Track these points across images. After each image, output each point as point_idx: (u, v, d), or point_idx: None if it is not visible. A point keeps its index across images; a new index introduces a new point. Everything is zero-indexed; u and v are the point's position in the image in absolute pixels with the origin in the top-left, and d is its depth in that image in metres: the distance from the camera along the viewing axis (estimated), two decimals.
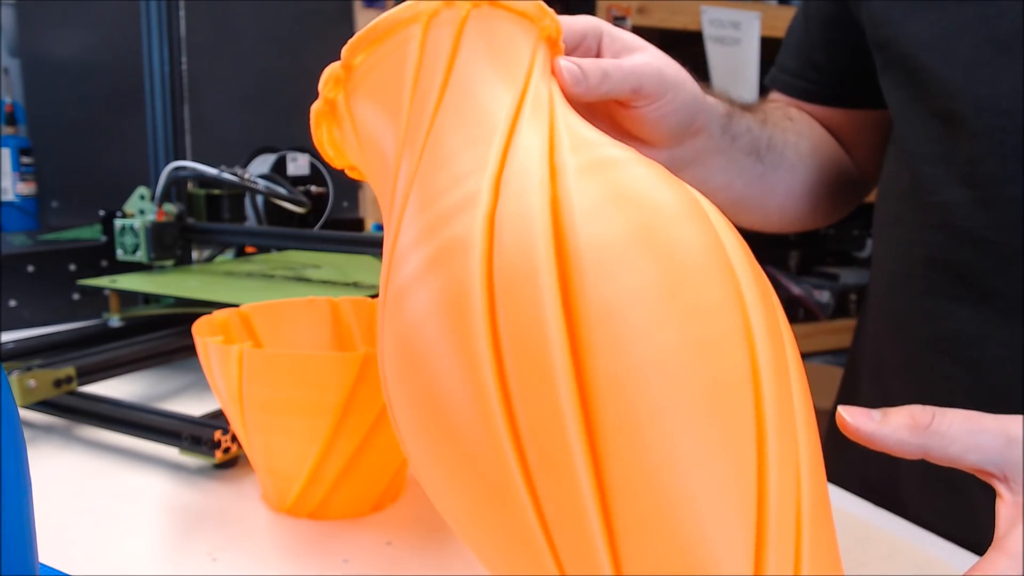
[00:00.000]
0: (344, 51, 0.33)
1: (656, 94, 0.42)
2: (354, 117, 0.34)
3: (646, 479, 0.23)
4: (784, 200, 0.60)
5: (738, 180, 0.54)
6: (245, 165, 1.04)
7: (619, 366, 0.24)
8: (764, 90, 0.72)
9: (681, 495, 0.23)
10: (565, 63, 0.37)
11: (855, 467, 0.62)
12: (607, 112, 0.44)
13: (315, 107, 0.35)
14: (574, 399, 0.24)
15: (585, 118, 0.32)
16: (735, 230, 0.29)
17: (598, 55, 0.43)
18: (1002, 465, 0.30)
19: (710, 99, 0.49)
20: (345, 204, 1.39)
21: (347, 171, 0.38)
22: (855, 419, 0.31)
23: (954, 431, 0.30)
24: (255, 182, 0.85)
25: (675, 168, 0.42)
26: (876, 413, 0.31)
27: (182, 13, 0.92)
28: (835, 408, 0.68)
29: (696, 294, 0.25)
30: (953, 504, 0.54)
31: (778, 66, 0.69)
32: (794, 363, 0.27)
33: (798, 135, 0.62)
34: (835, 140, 0.66)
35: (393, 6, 0.33)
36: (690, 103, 0.44)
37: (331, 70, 0.34)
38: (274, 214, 0.98)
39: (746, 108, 0.56)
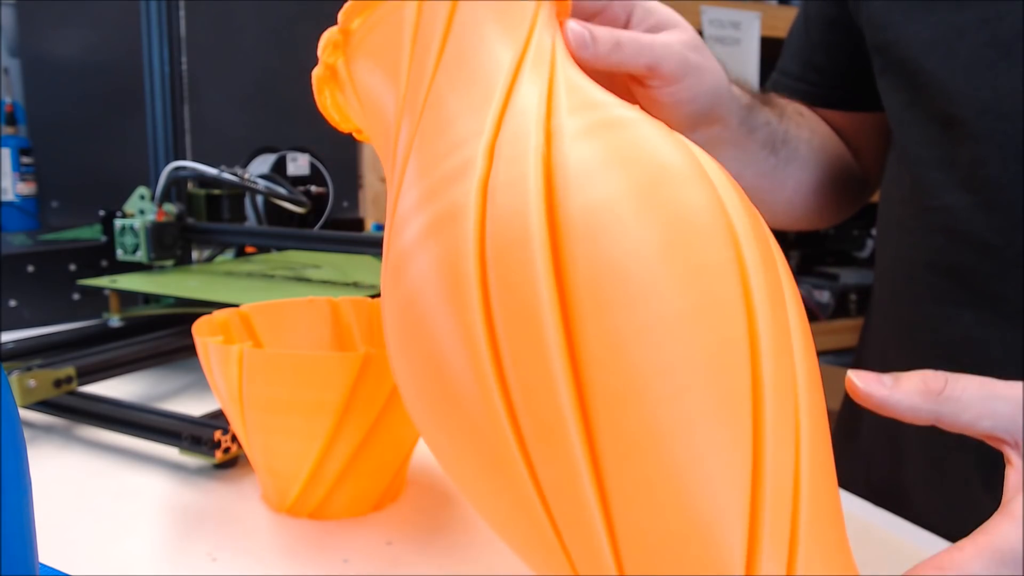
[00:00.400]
0: (341, 15, 0.32)
1: (674, 77, 0.40)
2: (355, 81, 0.34)
3: (637, 444, 0.23)
4: (792, 195, 0.60)
5: (749, 172, 0.53)
6: (245, 165, 1.04)
7: (610, 330, 0.24)
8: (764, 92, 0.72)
9: (673, 458, 0.23)
10: (572, 25, 0.34)
11: (859, 468, 0.62)
12: (626, 88, 0.42)
13: (316, 72, 0.35)
14: (565, 365, 0.24)
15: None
16: (740, 190, 0.28)
17: (626, 28, 0.40)
18: (1015, 431, 0.29)
19: (734, 89, 0.47)
20: (345, 204, 1.40)
21: (355, 134, 0.37)
22: (867, 384, 0.30)
23: (967, 397, 0.29)
24: (255, 182, 0.85)
25: None
26: (887, 378, 0.30)
27: (182, 13, 0.92)
28: (841, 407, 0.68)
29: (695, 255, 0.25)
30: (957, 505, 0.54)
31: (779, 69, 0.69)
32: (797, 326, 0.27)
33: (810, 131, 0.61)
34: (840, 140, 0.66)
35: None
36: (709, 92, 0.42)
37: (329, 35, 0.33)
38: (274, 214, 0.98)
39: (766, 101, 0.55)
